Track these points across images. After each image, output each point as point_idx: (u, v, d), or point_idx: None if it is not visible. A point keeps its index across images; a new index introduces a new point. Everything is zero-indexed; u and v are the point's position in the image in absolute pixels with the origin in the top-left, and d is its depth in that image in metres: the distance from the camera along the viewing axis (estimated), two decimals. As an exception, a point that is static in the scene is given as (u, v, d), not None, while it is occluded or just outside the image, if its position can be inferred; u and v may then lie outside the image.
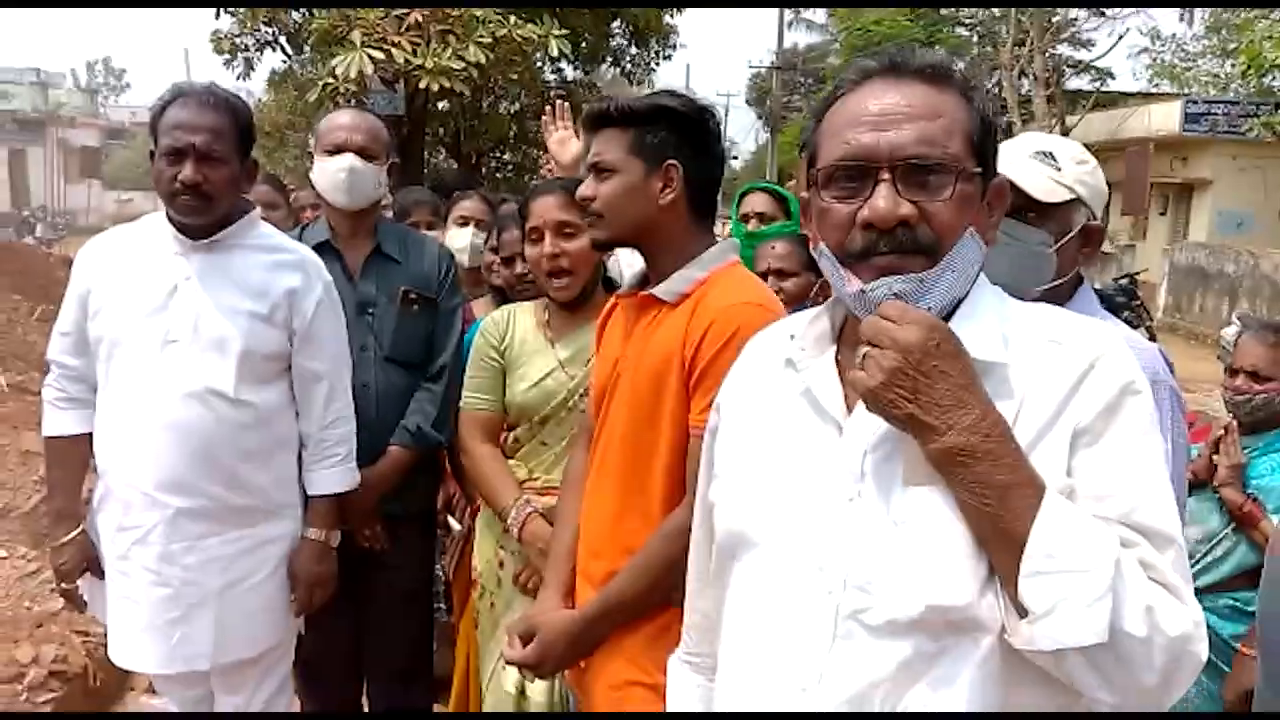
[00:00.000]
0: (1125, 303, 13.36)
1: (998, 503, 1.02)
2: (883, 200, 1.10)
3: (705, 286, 1.85)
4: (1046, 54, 20.70)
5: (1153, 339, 2.72)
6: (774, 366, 1.27)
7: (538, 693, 2.38)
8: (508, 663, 2.01)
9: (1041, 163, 1.81)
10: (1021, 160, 1.82)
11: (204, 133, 2.21)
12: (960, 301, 1.16)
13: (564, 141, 3.22)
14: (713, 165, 1.96)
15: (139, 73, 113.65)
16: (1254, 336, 2.91)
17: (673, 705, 1.53)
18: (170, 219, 2.31)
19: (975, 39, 24.92)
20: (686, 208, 1.91)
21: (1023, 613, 1.02)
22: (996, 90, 23.76)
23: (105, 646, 3.90)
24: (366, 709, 3.04)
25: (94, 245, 2.42)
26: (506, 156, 16.69)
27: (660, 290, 1.87)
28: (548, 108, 3.29)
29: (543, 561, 2.31)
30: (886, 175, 1.11)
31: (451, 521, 3.21)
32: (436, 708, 3.14)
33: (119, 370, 2.28)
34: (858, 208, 1.13)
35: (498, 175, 16.02)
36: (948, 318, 1.14)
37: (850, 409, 1.17)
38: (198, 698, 2.52)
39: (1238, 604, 2.68)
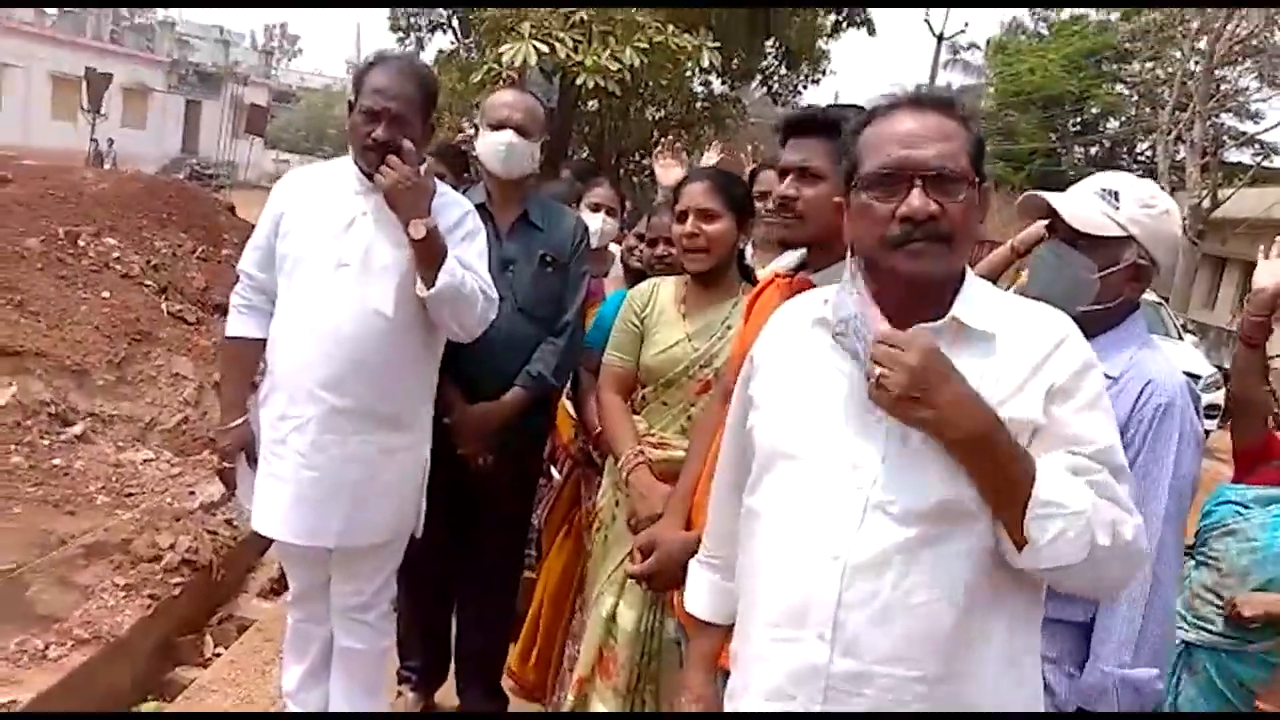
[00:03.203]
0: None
1: (1002, 473, 1.35)
2: (918, 199, 1.43)
3: None
4: (1208, 121, 20.04)
5: None
6: (804, 326, 1.58)
7: (626, 620, 2.63)
8: (629, 575, 2.22)
9: (1101, 198, 2.02)
10: (1083, 193, 2.05)
11: (399, 100, 2.55)
12: (958, 289, 1.49)
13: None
14: None
15: (312, 40, 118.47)
16: None
17: (689, 597, 1.85)
18: (356, 163, 2.64)
19: (1134, 98, 24.19)
20: None
21: (1018, 544, 1.36)
22: (1149, 155, 23.01)
23: (230, 547, 4.36)
24: (455, 625, 3.33)
25: (291, 177, 2.80)
26: (645, 161, 17.04)
27: (820, 278, 2.02)
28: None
29: (642, 504, 2.56)
30: (919, 182, 1.43)
31: (553, 470, 3.50)
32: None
33: (298, 285, 2.63)
34: (895, 206, 1.44)
35: (634, 179, 16.35)
36: (951, 299, 1.47)
37: None
38: (317, 584, 2.83)
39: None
